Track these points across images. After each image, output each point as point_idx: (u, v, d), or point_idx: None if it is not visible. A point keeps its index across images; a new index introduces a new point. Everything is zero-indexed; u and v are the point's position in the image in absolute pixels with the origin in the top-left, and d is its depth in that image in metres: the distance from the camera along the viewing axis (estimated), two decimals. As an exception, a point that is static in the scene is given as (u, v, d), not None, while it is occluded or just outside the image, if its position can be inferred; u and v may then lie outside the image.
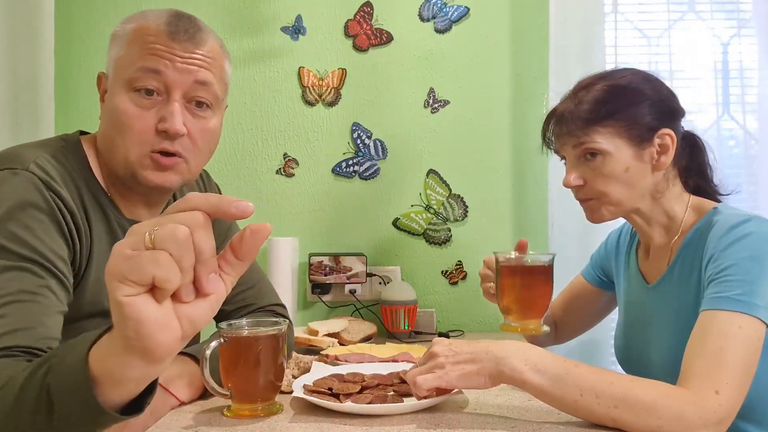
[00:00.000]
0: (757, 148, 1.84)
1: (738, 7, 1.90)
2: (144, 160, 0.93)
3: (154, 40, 0.92)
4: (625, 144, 1.07)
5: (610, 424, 0.85)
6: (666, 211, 1.11)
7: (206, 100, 0.97)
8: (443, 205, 1.88)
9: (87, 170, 0.95)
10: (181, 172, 0.97)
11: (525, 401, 1.00)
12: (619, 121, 1.06)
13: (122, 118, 0.92)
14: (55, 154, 0.92)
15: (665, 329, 1.09)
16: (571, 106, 1.09)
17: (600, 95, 1.08)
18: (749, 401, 0.90)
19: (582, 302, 1.40)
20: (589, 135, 1.07)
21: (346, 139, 1.88)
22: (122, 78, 0.93)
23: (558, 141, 1.14)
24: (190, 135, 0.96)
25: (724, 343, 0.89)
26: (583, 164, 1.10)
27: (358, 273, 1.79)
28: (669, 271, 1.11)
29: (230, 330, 0.92)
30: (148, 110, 0.92)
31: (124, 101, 0.92)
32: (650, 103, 1.08)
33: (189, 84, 0.94)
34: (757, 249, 0.95)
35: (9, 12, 1.68)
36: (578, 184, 1.10)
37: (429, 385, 0.89)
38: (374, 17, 1.88)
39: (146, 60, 0.91)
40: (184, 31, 0.94)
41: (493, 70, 1.88)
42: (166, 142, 0.93)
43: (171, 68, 0.92)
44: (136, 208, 1.00)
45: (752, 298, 0.91)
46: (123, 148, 0.93)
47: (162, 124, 0.92)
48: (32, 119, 1.68)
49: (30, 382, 0.61)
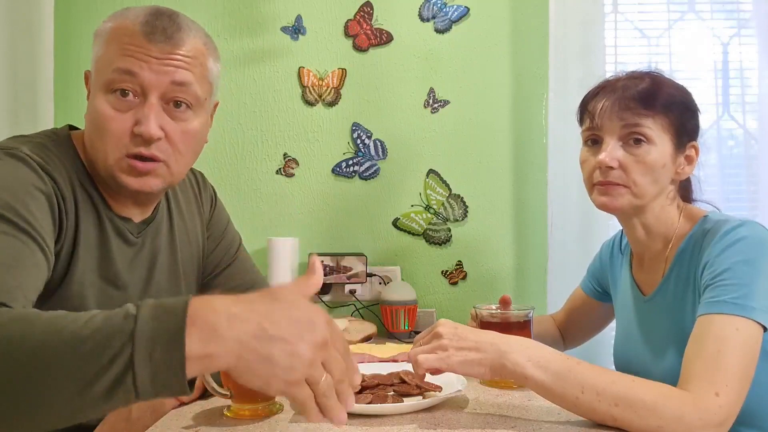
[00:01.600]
0: (757, 148, 1.84)
1: (738, 7, 1.90)
2: (121, 164, 0.91)
3: (129, 40, 0.90)
4: (670, 141, 1.06)
5: (611, 422, 0.86)
6: (666, 220, 1.11)
7: (185, 101, 0.93)
8: (443, 205, 1.88)
9: (78, 163, 0.94)
10: (161, 175, 0.94)
11: (525, 401, 0.99)
12: (672, 117, 1.06)
13: (100, 120, 0.90)
14: (48, 145, 0.91)
15: (665, 343, 1.08)
16: (634, 85, 1.06)
17: (662, 87, 1.07)
18: (750, 406, 0.90)
19: (582, 314, 1.41)
20: (646, 118, 1.05)
21: (346, 139, 1.88)
22: (101, 79, 0.91)
23: (607, 114, 1.06)
24: (169, 137, 0.93)
25: (722, 346, 0.89)
26: (625, 148, 1.06)
27: (358, 273, 1.79)
28: (664, 282, 1.11)
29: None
30: (124, 112, 0.90)
31: (102, 103, 0.90)
32: (693, 114, 1.09)
33: (166, 85, 0.91)
34: (751, 252, 0.96)
35: (9, 12, 1.68)
36: (614, 165, 1.05)
37: (429, 364, 0.89)
38: (374, 17, 1.87)
39: (121, 61, 0.89)
40: (162, 31, 0.91)
41: (493, 70, 1.88)
42: (142, 146, 0.90)
43: (146, 69, 0.89)
44: (125, 206, 0.99)
45: (748, 301, 0.92)
46: (102, 150, 0.91)
47: (137, 127, 0.90)
48: (31, 119, 1.69)
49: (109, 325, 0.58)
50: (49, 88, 1.70)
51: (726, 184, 1.86)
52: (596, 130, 1.09)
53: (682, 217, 1.11)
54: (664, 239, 1.11)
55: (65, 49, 1.83)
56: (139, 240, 1.00)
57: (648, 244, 1.14)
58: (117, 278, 0.97)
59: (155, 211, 1.04)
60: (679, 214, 1.12)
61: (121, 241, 0.97)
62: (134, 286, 1.00)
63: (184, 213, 1.11)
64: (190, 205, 1.14)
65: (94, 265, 0.94)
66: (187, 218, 1.12)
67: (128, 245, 0.99)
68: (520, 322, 1.16)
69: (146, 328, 0.57)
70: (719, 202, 1.20)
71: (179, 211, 1.10)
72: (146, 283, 1.02)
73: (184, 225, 1.11)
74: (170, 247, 1.07)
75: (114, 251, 0.96)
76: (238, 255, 1.20)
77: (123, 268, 0.97)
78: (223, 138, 1.86)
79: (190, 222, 1.12)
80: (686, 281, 1.06)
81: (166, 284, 1.05)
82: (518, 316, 1.16)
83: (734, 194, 1.88)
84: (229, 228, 1.21)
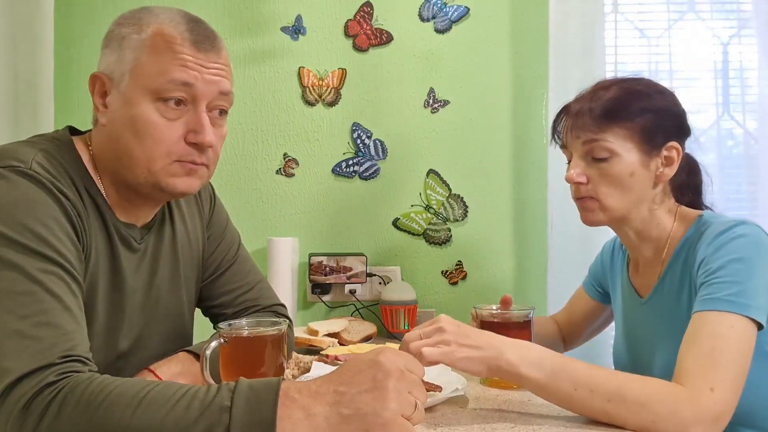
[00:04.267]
0: (757, 148, 1.84)
1: (738, 7, 1.90)
2: (172, 169, 0.91)
3: (181, 50, 0.89)
4: (635, 149, 1.06)
5: (605, 419, 0.87)
6: (658, 224, 1.11)
7: (226, 109, 0.97)
8: (443, 205, 1.88)
9: (83, 170, 0.92)
10: (203, 177, 0.96)
11: (525, 400, 1.00)
12: (634, 125, 1.06)
13: (148, 128, 0.89)
14: (52, 152, 0.89)
15: (662, 345, 1.09)
16: (589, 102, 1.08)
17: (620, 96, 1.07)
18: (748, 406, 0.91)
19: (583, 316, 1.41)
20: (602, 133, 1.06)
21: (346, 139, 1.88)
22: (146, 86, 0.89)
23: (569, 134, 1.11)
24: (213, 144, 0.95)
25: (716, 342, 0.90)
26: (590, 163, 1.09)
27: (358, 273, 1.79)
28: (659, 285, 1.11)
29: (230, 330, 0.92)
30: (174, 121, 0.90)
31: (149, 111, 0.89)
32: (665, 114, 1.08)
33: (214, 94, 0.92)
34: (746, 251, 0.97)
35: (9, 11, 1.68)
36: (581, 180, 1.09)
37: (434, 358, 0.91)
38: (374, 17, 1.88)
39: (177, 71, 0.89)
40: (206, 38, 0.92)
41: (493, 70, 1.88)
42: (195, 153, 0.92)
43: (200, 80, 0.90)
44: (130, 211, 0.97)
45: (741, 298, 0.92)
46: (145, 157, 0.90)
47: (194, 135, 0.90)
48: (32, 119, 1.68)
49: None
50: (49, 88, 1.70)
51: (726, 184, 1.86)
52: (565, 149, 1.14)
53: (676, 220, 1.11)
54: (658, 243, 1.12)
55: (65, 50, 1.83)
56: (141, 246, 1.00)
57: (641, 249, 1.14)
58: (124, 284, 0.96)
59: (155, 215, 1.03)
60: (672, 216, 1.12)
61: (126, 247, 0.97)
62: (138, 292, 0.99)
63: (184, 214, 1.11)
64: (190, 205, 1.13)
65: (104, 273, 0.93)
66: (187, 219, 1.11)
67: (132, 252, 0.98)
68: (521, 323, 1.16)
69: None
70: (719, 202, 1.20)
71: (180, 212, 1.10)
72: (148, 287, 1.01)
73: (184, 227, 1.10)
74: (172, 250, 1.06)
75: (121, 259, 0.95)
76: (239, 256, 1.19)
77: (129, 274, 0.97)
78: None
79: (190, 223, 1.12)
80: (682, 283, 1.07)
81: (167, 288, 1.05)
82: (519, 316, 1.16)
83: (734, 194, 1.88)
84: (228, 227, 1.21)
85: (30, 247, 0.77)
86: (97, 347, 0.90)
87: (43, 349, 0.71)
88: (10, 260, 0.76)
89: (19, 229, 0.78)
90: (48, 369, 0.69)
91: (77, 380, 0.69)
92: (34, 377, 0.68)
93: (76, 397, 0.67)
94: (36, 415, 0.67)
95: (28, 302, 0.74)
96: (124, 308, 0.96)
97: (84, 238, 0.88)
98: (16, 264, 0.76)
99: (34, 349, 0.71)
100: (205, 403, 0.66)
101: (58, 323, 0.74)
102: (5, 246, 0.76)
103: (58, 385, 0.68)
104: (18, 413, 0.67)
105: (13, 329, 0.72)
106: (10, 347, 0.71)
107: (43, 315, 0.74)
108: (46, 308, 0.75)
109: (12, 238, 0.77)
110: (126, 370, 0.95)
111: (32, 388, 0.68)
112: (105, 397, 0.67)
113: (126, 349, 0.97)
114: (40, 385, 0.68)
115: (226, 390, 0.67)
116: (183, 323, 1.09)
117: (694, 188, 1.18)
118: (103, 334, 0.93)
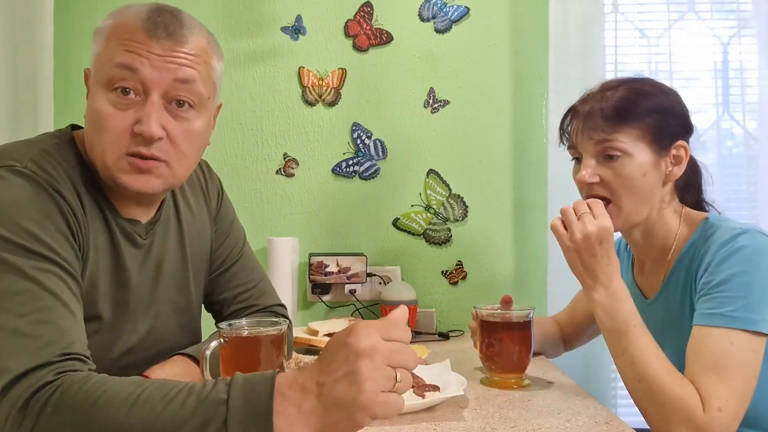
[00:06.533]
0: (757, 148, 1.84)
1: (738, 7, 1.90)
2: (120, 163, 0.88)
3: (129, 36, 0.87)
4: (647, 149, 1.06)
5: (631, 394, 0.96)
6: (665, 225, 1.11)
7: (188, 100, 0.90)
8: (443, 205, 1.88)
9: (83, 167, 0.92)
10: (163, 175, 0.90)
11: (525, 401, 1.00)
12: (644, 125, 1.06)
13: (99, 119, 0.87)
14: (51, 151, 0.89)
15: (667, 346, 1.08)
16: (599, 103, 1.08)
17: (629, 97, 1.07)
18: (751, 408, 0.93)
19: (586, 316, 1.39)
20: (615, 133, 1.06)
21: (346, 139, 1.88)
22: (100, 76, 0.88)
23: (580, 135, 1.10)
24: (171, 138, 0.89)
25: (721, 360, 0.92)
26: (602, 163, 1.08)
27: (358, 273, 1.79)
28: (665, 286, 1.11)
29: (230, 330, 0.92)
30: (124, 111, 0.87)
31: (101, 100, 0.87)
32: (672, 114, 1.09)
33: (168, 83, 0.88)
34: (750, 263, 0.97)
35: (8, 11, 1.68)
36: (594, 180, 1.08)
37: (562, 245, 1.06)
38: (374, 17, 1.87)
39: (121, 56, 0.86)
40: (164, 27, 0.88)
41: (493, 70, 1.88)
42: (142, 146, 0.87)
43: (147, 66, 0.86)
44: (130, 208, 0.96)
45: (746, 313, 0.93)
46: (100, 149, 0.88)
47: (137, 126, 0.86)
48: (31, 118, 1.68)
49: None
50: (49, 88, 1.70)
51: (726, 184, 1.86)
52: (575, 149, 1.13)
53: (681, 221, 1.11)
54: (664, 244, 1.12)
55: (65, 48, 1.82)
56: (146, 241, 0.99)
57: (647, 250, 1.14)
58: (128, 282, 0.96)
59: (160, 210, 1.02)
60: (678, 217, 1.12)
61: (130, 244, 0.96)
62: (143, 288, 0.99)
63: (192, 207, 1.10)
64: (198, 198, 1.12)
65: (106, 270, 0.92)
66: (195, 212, 1.10)
67: (137, 248, 0.97)
68: (521, 323, 1.16)
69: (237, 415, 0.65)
70: (719, 202, 1.20)
71: (187, 205, 1.09)
72: (154, 283, 1.01)
73: (193, 220, 1.09)
74: (179, 244, 1.05)
75: (124, 255, 0.95)
76: (243, 252, 1.19)
77: (133, 271, 0.96)
78: (223, 138, 1.86)
79: (198, 216, 1.11)
80: (685, 286, 1.07)
81: (173, 283, 1.04)
82: (519, 316, 1.16)
83: (734, 194, 1.88)
84: (235, 223, 1.20)
85: (25, 246, 0.77)
86: (102, 343, 0.90)
87: (40, 347, 0.71)
88: (6, 259, 0.76)
89: (15, 229, 0.78)
90: (46, 367, 0.70)
91: (74, 379, 0.69)
92: (32, 376, 0.69)
93: (73, 396, 0.67)
94: (33, 413, 0.67)
95: (25, 300, 0.74)
96: (128, 304, 0.96)
97: (81, 237, 0.88)
98: (11, 263, 0.76)
99: (32, 348, 0.71)
100: (201, 397, 0.65)
101: (56, 321, 0.74)
102: (0, 246, 0.76)
103: (55, 384, 0.68)
104: (16, 412, 0.67)
105: (11, 327, 0.72)
106: (8, 346, 0.71)
107: (40, 313, 0.74)
108: (43, 306, 0.75)
109: (7, 238, 0.77)
110: (135, 366, 0.95)
111: (30, 387, 0.68)
112: (101, 395, 0.67)
113: (134, 345, 0.97)
114: (37, 384, 0.68)
115: (222, 384, 0.67)
116: (192, 317, 1.09)
117: (696, 186, 1.18)
118: (107, 330, 0.93)
